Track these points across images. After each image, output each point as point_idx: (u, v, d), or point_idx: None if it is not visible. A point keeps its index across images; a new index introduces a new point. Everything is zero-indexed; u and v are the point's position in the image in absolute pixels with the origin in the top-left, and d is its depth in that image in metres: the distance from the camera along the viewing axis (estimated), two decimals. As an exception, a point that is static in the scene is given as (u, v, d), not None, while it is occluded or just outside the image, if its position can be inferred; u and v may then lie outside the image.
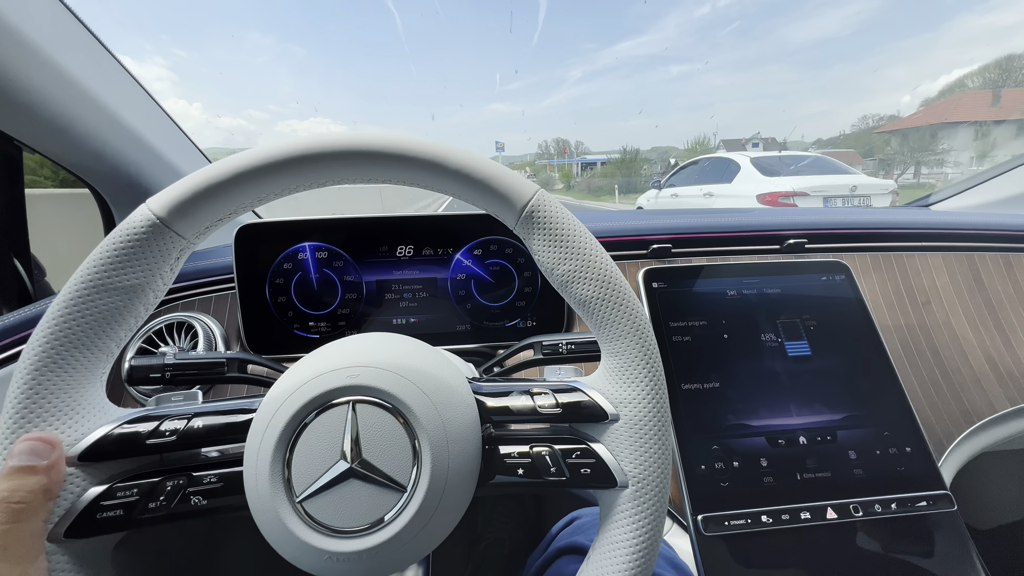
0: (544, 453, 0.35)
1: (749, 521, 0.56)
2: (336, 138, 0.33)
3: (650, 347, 0.35)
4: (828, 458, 0.60)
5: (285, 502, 0.30)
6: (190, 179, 0.32)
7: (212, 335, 0.66)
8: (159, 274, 0.33)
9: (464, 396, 0.35)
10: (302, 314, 0.68)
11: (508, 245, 0.69)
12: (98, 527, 0.30)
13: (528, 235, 0.35)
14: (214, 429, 0.34)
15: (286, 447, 0.30)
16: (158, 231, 0.31)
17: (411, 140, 0.33)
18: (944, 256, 0.81)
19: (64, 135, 0.60)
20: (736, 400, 0.63)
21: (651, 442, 0.34)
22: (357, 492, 0.30)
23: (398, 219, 0.68)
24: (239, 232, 0.65)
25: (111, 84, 0.62)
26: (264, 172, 0.32)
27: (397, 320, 0.69)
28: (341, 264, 0.68)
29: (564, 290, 0.35)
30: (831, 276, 0.73)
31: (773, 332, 0.68)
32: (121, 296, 0.31)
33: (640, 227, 0.78)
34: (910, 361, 0.73)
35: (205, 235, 0.35)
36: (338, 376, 0.32)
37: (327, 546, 0.29)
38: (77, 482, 0.31)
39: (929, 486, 0.60)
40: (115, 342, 0.33)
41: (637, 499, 0.33)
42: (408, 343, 0.37)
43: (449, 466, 0.31)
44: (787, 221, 0.81)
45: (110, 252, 0.31)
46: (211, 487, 0.33)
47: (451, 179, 0.34)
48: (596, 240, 0.35)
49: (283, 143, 0.33)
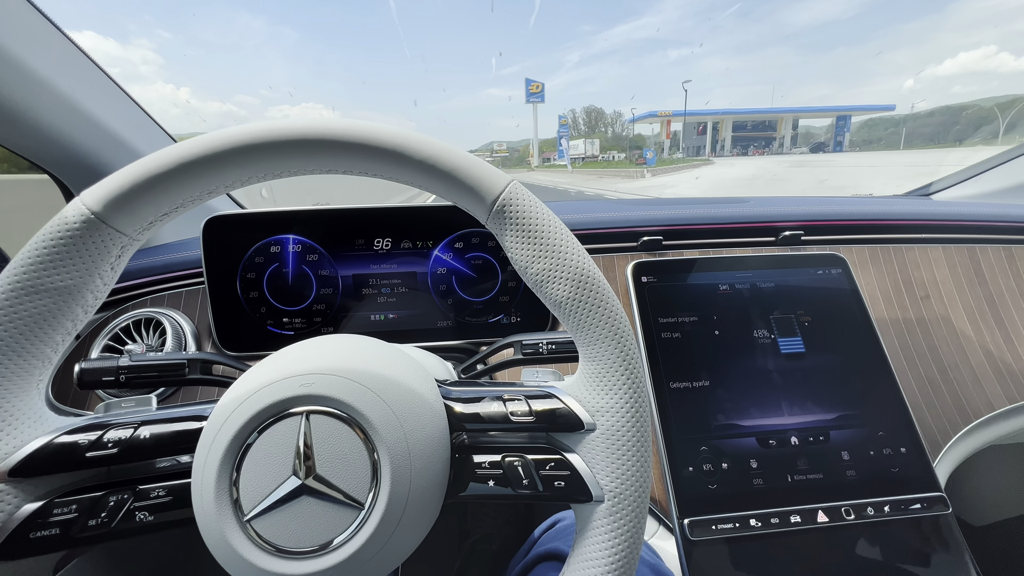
0: (516, 463, 0.32)
1: (737, 525, 0.54)
2: (288, 125, 0.30)
3: (630, 352, 0.32)
4: (820, 459, 0.58)
5: (232, 521, 0.28)
6: (128, 170, 0.29)
7: (182, 332, 0.64)
8: (97, 273, 0.30)
9: (432, 403, 0.33)
10: (275, 310, 0.65)
11: (490, 238, 0.67)
12: (32, 547, 0.28)
13: (500, 231, 0.32)
14: (163, 439, 0.32)
15: (233, 461, 0.28)
16: (93, 227, 0.29)
17: (372, 128, 0.30)
18: (944, 248, 0.78)
19: (9, 118, 0.56)
20: (726, 399, 0.61)
21: (629, 454, 0.31)
22: (310, 510, 0.28)
23: (375, 210, 0.65)
24: (207, 224, 0.62)
25: (62, 64, 0.58)
26: (210, 162, 0.29)
27: (375, 316, 0.67)
28: (316, 258, 0.65)
29: (539, 290, 0.33)
30: (827, 270, 0.70)
31: (766, 328, 0.66)
32: (54, 298, 0.29)
33: (630, 218, 0.75)
34: (907, 357, 0.71)
35: (150, 231, 0.32)
36: (291, 384, 0.29)
37: (277, 568, 0.27)
38: (8, 499, 0.29)
39: (923, 488, 0.58)
40: (50, 347, 0.30)
41: (613, 514, 0.31)
42: (370, 346, 0.35)
43: (412, 480, 0.29)
44: (783, 212, 0.78)
45: (39, 251, 0.28)
46: (158, 501, 0.31)
47: (416, 170, 0.31)
48: (573, 236, 0.32)
49: (232, 131, 0.30)
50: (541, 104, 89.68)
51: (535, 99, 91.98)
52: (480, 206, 0.32)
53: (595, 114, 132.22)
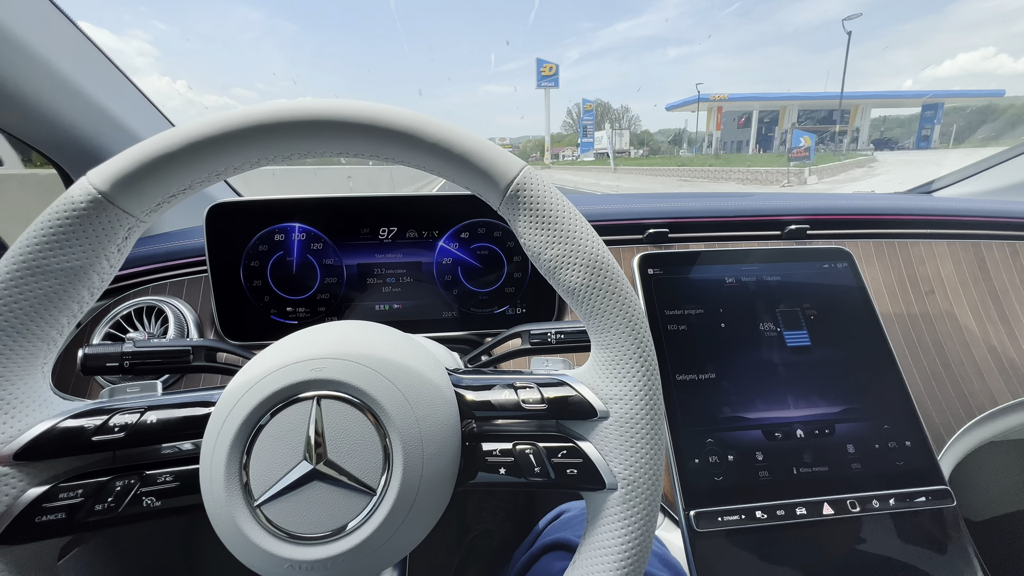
0: (528, 451, 0.32)
1: (743, 517, 0.54)
2: (300, 105, 0.29)
3: (644, 339, 0.32)
4: (825, 452, 0.58)
5: (242, 506, 0.27)
6: (136, 149, 0.29)
7: (184, 320, 0.63)
8: (104, 255, 0.29)
9: (443, 390, 0.33)
10: (279, 299, 0.64)
11: (497, 228, 0.66)
12: (37, 532, 0.28)
13: (513, 216, 0.32)
14: (170, 424, 0.31)
15: (243, 446, 0.28)
16: (100, 207, 0.28)
17: (384, 109, 0.30)
18: (949, 244, 0.78)
19: (10, 101, 0.55)
20: (732, 392, 0.61)
21: (643, 441, 0.31)
22: (321, 495, 0.27)
23: (380, 199, 0.64)
24: (211, 211, 0.61)
25: (65, 47, 0.57)
26: (220, 143, 0.29)
27: (380, 306, 0.66)
28: (320, 246, 0.64)
29: (552, 277, 0.32)
30: (833, 263, 0.70)
31: (772, 321, 0.65)
32: (60, 279, 0.28)
33: (636, 211, 0.74)
34: (911, 352, 0.70)
35: (158, 212, 0.31)
36: (302, 369, 0.29)
37: (288, 554, 0.27)
38: (13, 483, 0.28)
39: (928, 481, 0.58)
40: (56, 329, 0.30)
41: (626, 502, 0.31)
42: (381, 332, 0.34)
43: (424, 466, 0.29)
44: (789, 206, 0.78)
45: (45, 231, 0.28)
46: (166, 487, 0.30)
47: (428, 153, 0.31)
48: (587, 223, 0.32)
49: (243, 111, 0.29)
50: (555, 89, 68.41)
51: (547, 83, 69.78)
52: (493, 191, 0.32)
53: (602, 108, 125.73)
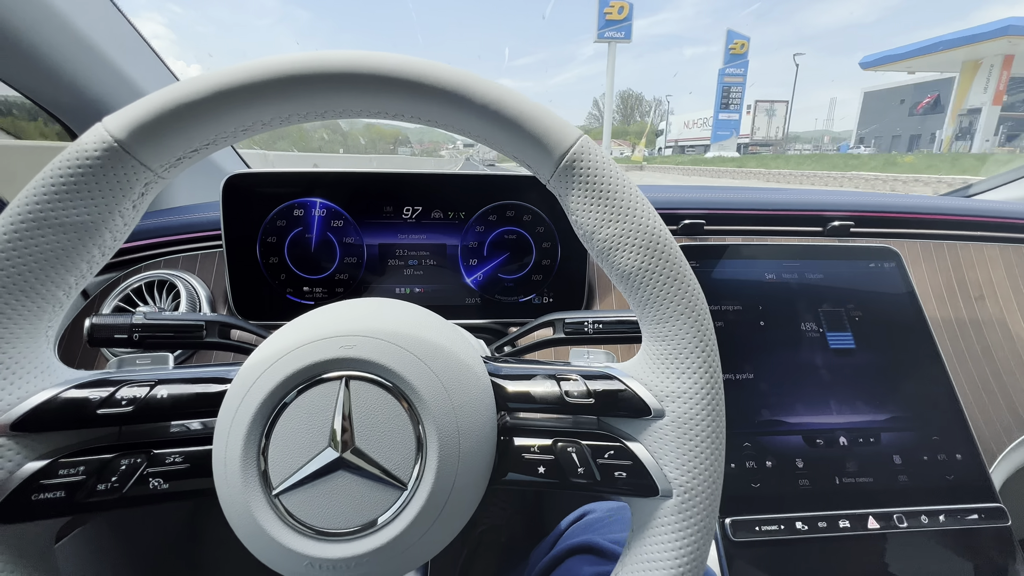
0: (571, 450, 0.29)
1: (782, 527, 0.50)
2: (339, 56, 0.26)
3: (707, 332, 0.28)
4: (870, 462, 0.55)
5: (259, 494, 0.25)
6: (158, 96, 0.25)
7: (196, 296, 0.60)
8: (118, 211, 0.26)
9: (480, 378, 0.30)
10: (296, 277, 0.61)
11: (527, 211, 0.63)
12: (34, 510, 0.25)
13: (566, 190, 0.28)
14: (181, 400, 0.29)
15: (262, 429, 0.25)
16: (116, 157, 0.25)
17: (431, 65, 0.26)
18: (1001, 248, 0.74)
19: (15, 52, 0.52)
20: (771, 394, 0.57)
21: (703, 445, 0.28)
22: (347, 487, 0.25)
23: (405, 176, 0.61)
24: (227, 183, 0.58)
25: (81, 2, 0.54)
26: (250, 93, 0.25)
27: (400, 289, 0.63)
28: (340, 224, 0.61)
29: (605, 259, 0.29)
30: (879, 263, 0.66)
31: (814, 321, 0.62)
32: (68, 234, 0.25)
33: (671, 200, 0.71)
34: (959, 359, 0.66)
35: (177, 169, 0.28)
36: (330, 346, 0.26)
37: (308, 550, 0.24)
38: (9, 456, 0.25)
39: (980, 498, 0.54)
40: (63, 290, 0.27)
41: (683, 512, 0.27)
42: (416, 311, 0.31)
43: (460, 460, 0.26)
44: (832, 201, 0.74)
45: (55, 180, 0.25)
46: (175, 468, 0.28)
47: (476, 116, 0.27)
48: (648, 201, 0.29)
49: (277, 59, 0.26)
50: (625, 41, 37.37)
51: (614, 32, 37.66)
52: (546, 161, 0.28)
53: (632, 99, 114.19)
